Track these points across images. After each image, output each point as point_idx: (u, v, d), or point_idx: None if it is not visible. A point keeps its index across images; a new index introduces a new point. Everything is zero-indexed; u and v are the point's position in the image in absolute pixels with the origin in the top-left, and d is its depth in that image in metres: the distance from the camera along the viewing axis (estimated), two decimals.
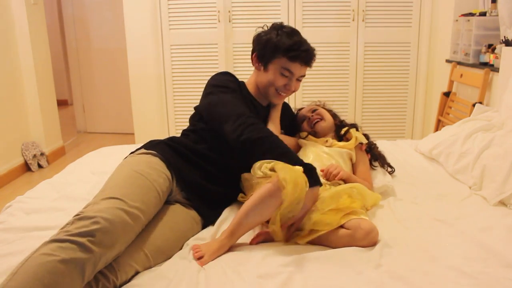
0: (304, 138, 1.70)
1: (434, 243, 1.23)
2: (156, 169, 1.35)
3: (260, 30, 1.65)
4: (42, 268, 0.94)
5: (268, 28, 1.63)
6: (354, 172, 1.61)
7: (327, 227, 1.23)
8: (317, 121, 1.71)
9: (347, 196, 1.30)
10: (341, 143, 1.64)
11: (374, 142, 1.79)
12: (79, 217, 1.07)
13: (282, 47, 1.54)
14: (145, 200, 1.22)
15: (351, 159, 1.62)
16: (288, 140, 1.65)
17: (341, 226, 1.24)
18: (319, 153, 1.57)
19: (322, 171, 1.48)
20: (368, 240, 1.21)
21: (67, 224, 1.06)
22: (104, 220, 1.05)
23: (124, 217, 1.11)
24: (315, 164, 1.48)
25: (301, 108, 1.84)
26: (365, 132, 1.76)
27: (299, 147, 1.68)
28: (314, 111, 1.75)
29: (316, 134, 1.70)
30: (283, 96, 1.64)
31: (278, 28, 1.60)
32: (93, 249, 1.00)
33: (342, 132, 1.69)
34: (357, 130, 1.71)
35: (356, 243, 1.20)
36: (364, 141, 1.67)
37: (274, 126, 1.64)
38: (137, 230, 1.16)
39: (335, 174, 1.47)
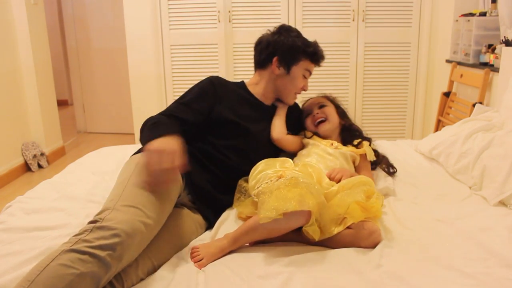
0: (309, 138, 1.66)
1: (434, 243, 1.23)
2: None
3: (267, 33, 1.65)
4: (61, 280, 0.92)
5: (277, 30, 1.64)
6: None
7: (353, 219, 1.22)
8: (321, 121, 1.66)
9: (376, 199, 1.30)
10: (346, 148, 1.60)
11: (383, 154, 1.75)
12: (99, 226, 1.03)
13: (308, 51, 1.62)
14: (161, 209, 1.19)
15: (353, 161, 1.60)
16: (292, 139, 1.65)
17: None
18: (322, 155, 1.55)
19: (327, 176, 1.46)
20: (371, 241, 1.20)
21: (85, 230, 1.02)
22: (125, 233, 1.02)
23: (142, 229, 1.08)
24: (319, 166, 1.48)
25: (309, 99, 1.78)
26: (375, 148, 1.69)
27: (303, 146, 1.65)
28: (321, 106, 1.69)
29: (319, 135, 1.67)
30: (296, 97, 1.70)
31: (289, 29, 1.65)
32: (112, 263, 0.99)
33: (355, 142, 1.63)
34: (370, 144, 1.65)
35: (359, 243, 1.20)
36: (372, 158, 1.61)
37: (280, 124, 1.64)
38: (149, 239, 1.15)
39: (338, 179, 1.44)
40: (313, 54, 1.63)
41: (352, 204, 1.24)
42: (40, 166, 3.51)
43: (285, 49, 1.60)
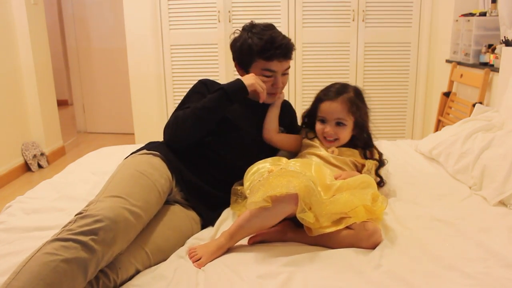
0: (310, 139, 1.61)
1: (434, 243, 1.23)
2: (158, 170, 1.36)
3: (233, 36, 1.65)
4: (45, 267, 0.93)
5: (240, 31, 1.63)
6: None
7: (356, 218, 1.22)
8: (331, 141, 1.56)
9: (381, 202, 1.30)
10: (346, 155, 1.55)
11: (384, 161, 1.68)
12: (81, 216, 1.06)
13: (256, 50, 1.54)
14: (147, 199, 1.22)
15: (356, 165, 1.57)
16: (285, 138, 1.64)
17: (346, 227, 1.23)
18: (323, 161, 1.53)
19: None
20: (372, 242, 1.20)
21: (69, 222, 1.06)
22: (107, 219, 1.05)
23: (127, 215, 1.11)
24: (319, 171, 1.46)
25: (328, 90, 1.64)
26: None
27: (301, 145, 1.63)
28: (338, 123, 1.55)
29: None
30: (275, 94, 1.63)
31: (248, 30, 1.59)
32: (96, 248, 1.00)
33: (368, 155, 1.60)
34: (380, 164, 1.60)
35: (360, 244, 1.20)
36: (367, 175, 1.50)
37: (270, 123, 1.63)
38: (138, 228, 1.17)
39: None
40: (261, 52, 1.53)
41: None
42: (40, 166, 3.51)
43: (237, 54, 1.62)
